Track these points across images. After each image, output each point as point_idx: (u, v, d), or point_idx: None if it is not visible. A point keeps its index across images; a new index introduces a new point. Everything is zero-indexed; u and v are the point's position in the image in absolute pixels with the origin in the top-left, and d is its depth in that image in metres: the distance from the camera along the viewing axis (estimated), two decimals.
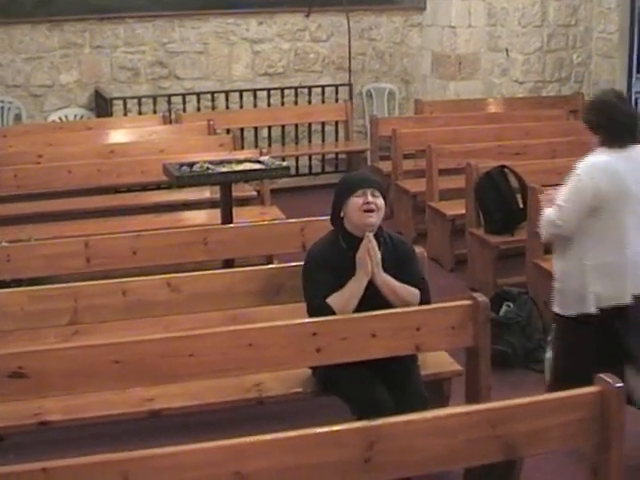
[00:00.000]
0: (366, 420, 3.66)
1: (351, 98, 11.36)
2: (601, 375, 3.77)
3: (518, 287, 6.71)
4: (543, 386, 5.90)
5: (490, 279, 7.41)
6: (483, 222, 7.65)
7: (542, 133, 9.35)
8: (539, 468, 4.86)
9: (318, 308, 4.74)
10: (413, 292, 4.85)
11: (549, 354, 6.00)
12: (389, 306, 4.77)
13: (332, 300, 4.71)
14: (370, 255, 4.72)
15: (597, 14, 11.12)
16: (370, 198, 4.79)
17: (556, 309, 5.12)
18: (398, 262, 4.88)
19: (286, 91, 11.30)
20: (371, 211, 4.78)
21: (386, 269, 4.78)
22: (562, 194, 5.02)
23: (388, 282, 4.78)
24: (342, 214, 4.88)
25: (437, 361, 5.15)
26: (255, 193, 8.32)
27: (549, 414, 3.75)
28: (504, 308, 6.51)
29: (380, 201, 4.83)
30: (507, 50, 11.19)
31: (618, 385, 3.72)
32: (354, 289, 4.74)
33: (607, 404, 3.73)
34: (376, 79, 11.89)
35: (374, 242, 4.75)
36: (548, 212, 5.09)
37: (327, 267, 4.80)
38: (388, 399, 4.58)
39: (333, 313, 4.68)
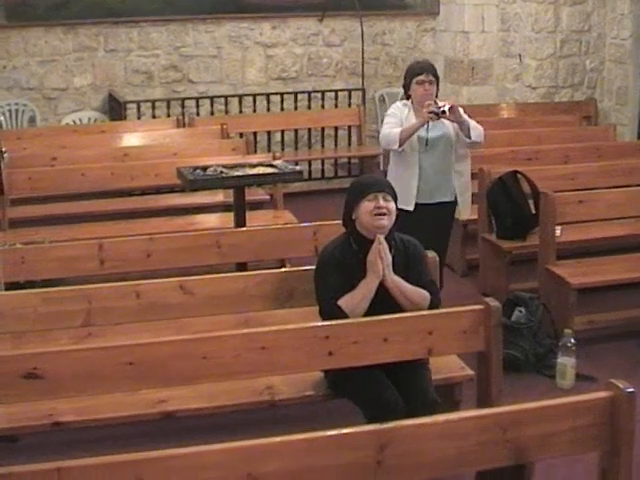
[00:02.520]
0: (377, 423, 3.68)
1: (364, 103, 11.38)
2: (612, 381, 3.79)
3: (530, 292, 6.71)
4: (554, 391, 5.93)
5: (502, 284, 7.41)
6: (495, 227, 7.64)
7: (555, 139, 9.36)
8: (549, 473, 4.87)
9: (330, 310, 4.76)
10: (423, 294, 4.87)
11: (560, 359, 6.03)
12: (399, 308, 4.79)
13: (343, 302, 4.74)
14: (381, 257, 4.75)
15: (610, 20, 11.12)
16: (382, 202, 4.82)
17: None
18: (408, 264, 4.91)
19: (299, 95, 11.31)
20: (382, 214, 4.81)
21: (396, 271, 4.81)
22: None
23: (398, 284, 4.80)
24: (354, 217, 4.90)
25: (448, 365, 5.16)
26: (268, 197, 8.34)
27: (559, 419, 3.76)
28: (516, 313, 6.51)
29: (392, 205, 4.86)
30: (520, 56, 11.19)
31: (629, 390, 3.73)
32: (365, 291, 4.76)
33: (617, 409, 3.74)
34: (389, 84, 11.88)
35: (385, 244, 4.78)
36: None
37: (338, 269, 4.82)
38: (399, 401, 4.59)
39: (344, 314, 4.71)
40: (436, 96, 6.57)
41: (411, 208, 6.40)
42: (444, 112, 6.32)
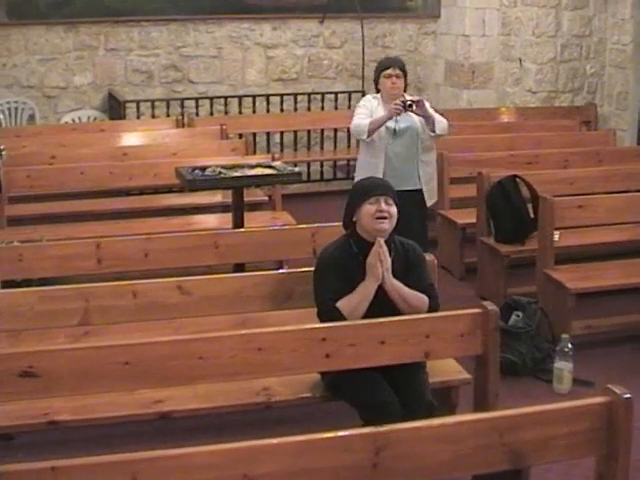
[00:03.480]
0: (374, 425, 3.67)
1: None
2: (609, 386, 3.78)
3: (528, 297, 6.70)
4: (551, 396, 5.92)
5: (500, 288, 7.40)
6: (494, 231, 7.64)
7: (554, 143, 9.35)
8: (545, 477, 4.86)
9: (328, 312, 4.75)
10: (422, 299, 4.86)
11: (557, 364, 6.02)
12: (398, 312, 4.79)
13: (342, 304, 4.73)
14: (381, 260, 4.74)
15: (611, 25, 11.13)
16: (384, 206, 4.81)
17: None
18: (408, 268, 4.91)
19: (299, 97, 11.31)
20: (384, 218, 4.80)
21: (396, 274, 4.80)
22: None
23: (397, 288, 4.79)
24: (355, 219, 4.90)
25: (445, 369, 5.15)
26: (266, 198, 8.34)
27: (556, 424, 3.75)
28: (513, 317, 6.51)
29: (393, 209, 4.86)
30: (520, 60, 11.20)
31: (626, 396, 3.72)
32: (364, 294, 4.75)
33: (615, 414, 3.73)
34: None
35: (385, 247, 4.77)
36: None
37: (338, 270, 4.82)
38: (396, 403, 4.59)
39: (343, 317, 4.70)
40: (404, 91, 6.91)
41: None
42: (410, 106, 6.68)
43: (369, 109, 6.96)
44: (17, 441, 4.99)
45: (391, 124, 6.83)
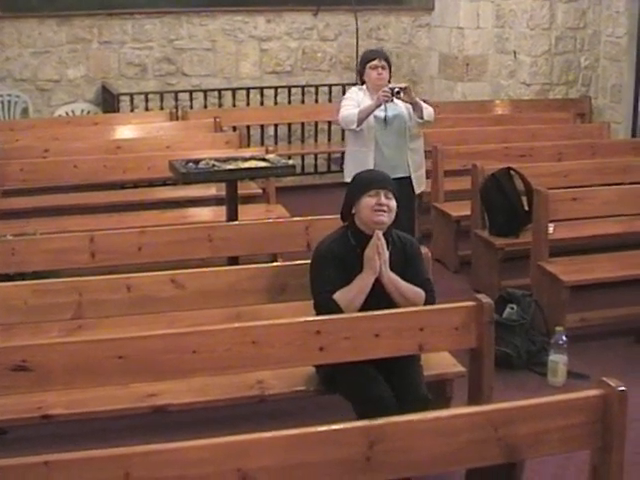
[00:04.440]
0: (368, 418, 3.66)
1: None
2: (604, 379, 3.78)
3: (522, 289, 6.70)
4: (546, 388, 5.92)
5: (494, 281, 7.40)
6: (488, 224, 7.64)
7: (548, 136, 9.35)
8: (540, 470, 4.86)
9: (325, 304, 4.75)
10: (419, 292, 4.85)
11: (552, 357, 6.02)
12: (395, 305, 4.78)
13: (338, 296, 4.72)
14: (379, 253, 4.73)
15: (605, 17, 11.11)
16: (383, 199, 4.80)
17: None
18: (405, 261, 4.91)
19: (293, 90, 11.32)
20: (383, 211, 4.79)
21: (394, 268, 4.80)
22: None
23: (394, 281, 4.79)
24: (354, 211, 4.89)
25: (440, 362, 5.15)
26: (260, 191, 8.32)
27: (551, 417, 3.74)
28: (508, 310, 6.51)
29: (392, 203, 4.85)
30: (515, 52, 11.19)
31: (621, 389, 3.72)
32: (361, 286, 4.75)
33: (609, 407, 3.72)
34: None
35: (383, 240, 4.76)
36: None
37: (335, 263, 4.80)
38: (390, 397, 4.58)
39: (339, 309, 4.70)
40: (389, 82, 6.96)
41: None
42: (398, 92, 6.74)
43: (355, 100, 6.99)
44: (10, 435, 4.98)
45: (381, 113, 6.89)
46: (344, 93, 11.24)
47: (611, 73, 11.03)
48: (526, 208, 7.40)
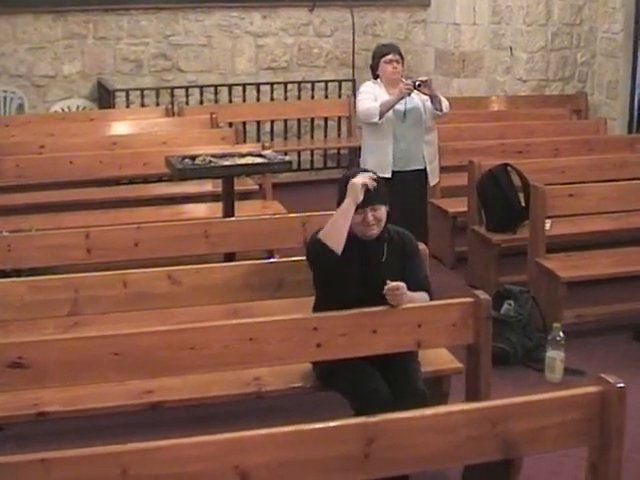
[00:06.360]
0: (364, 414, 3.65)
1: (354, 94, 11.31)
2: (602, 375, 3.77)
3: (519, 285, 6.70)
4: (543, 385, 5.92)
5: (491, 277, 7.39)
6: (485, 220, 7.64)
7: (545, 132, 9.35)
8: (537, 467, 4.86)
9: (311, 245, 4.77)
10: (425, 297, 4.86)
11: (549, 353, 6.01)
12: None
13: (321, 233, 4.71)
14: (365, 184, 4.69)
15: (602, 14, 11.09)
16: (370, 218, 4.75)
17: None
18: (404, 257, 4.89)
19: (289, 86, 11.30)
20: (372, 225, 4.77)
21: (392, 264, 4.79)
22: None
23: (411, 299, 4.74)
24: None
25: (437, 358, 5.15)
26: (257, 187, 8.32)
27: (549, 413, 3.74)
28: (505, 306, 6.50)
29: (380, 212, 4.78)
30: (511, 48, 11.16)
31: (619, 385, 3.71)
32: (341, 210, 4.71)
33: (607, 404, 3.72)
34: None
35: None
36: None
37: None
38: (387, 393, 4.57)
39: (326, 247, 4.65)
40: (401, 76, 7.07)
41: (389, 175, 6.83)
42: (420, 85, 6.87)
43: (372, 93, 7.03)
44: (6, 432, 4.96)
45: (400, 106, 6.95)
46: (340, 89, 11.38)
47: (607, 69, 11.01)
48: (523, 204, 7.39)
